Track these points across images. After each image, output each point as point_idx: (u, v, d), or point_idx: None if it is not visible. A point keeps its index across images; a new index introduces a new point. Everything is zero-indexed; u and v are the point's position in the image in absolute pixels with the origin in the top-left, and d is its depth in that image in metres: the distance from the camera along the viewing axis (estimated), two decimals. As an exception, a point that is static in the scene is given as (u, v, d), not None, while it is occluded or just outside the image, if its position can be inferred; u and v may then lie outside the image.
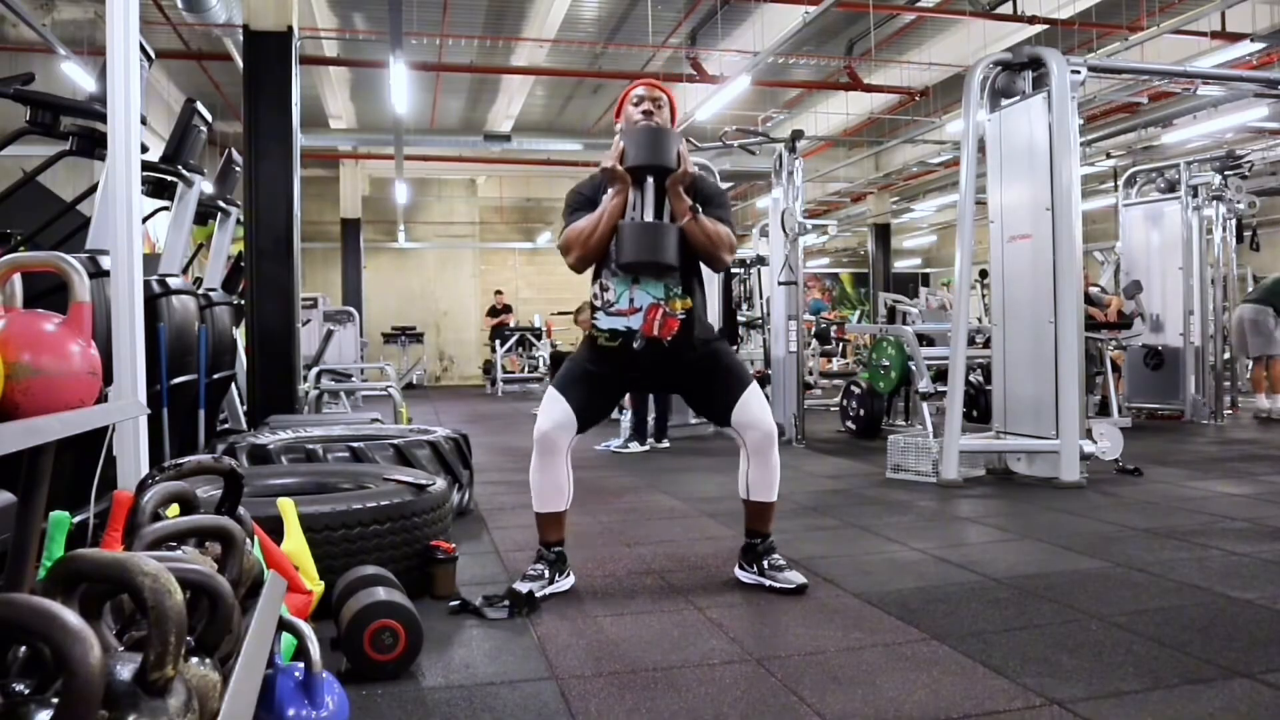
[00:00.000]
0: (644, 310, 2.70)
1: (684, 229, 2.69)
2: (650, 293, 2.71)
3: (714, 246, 2.72)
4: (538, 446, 2.72)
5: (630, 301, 2.72)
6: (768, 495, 2.79)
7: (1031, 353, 4.78)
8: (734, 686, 2.00)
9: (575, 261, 2.75)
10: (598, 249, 2.72)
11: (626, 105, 2.86)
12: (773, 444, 2.75)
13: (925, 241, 23.04)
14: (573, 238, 2.74)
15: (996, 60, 4.99)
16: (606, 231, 2.70)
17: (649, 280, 2.71)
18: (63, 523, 1.50)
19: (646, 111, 2.79)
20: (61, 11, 9.16)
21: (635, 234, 2.68)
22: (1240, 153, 7.95)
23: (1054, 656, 2.13)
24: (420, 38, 9.94)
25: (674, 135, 2.74)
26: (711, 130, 10.26)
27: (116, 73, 2.23)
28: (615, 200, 2.71)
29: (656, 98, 2.82)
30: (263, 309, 5.53)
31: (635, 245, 2.67)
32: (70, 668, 0.83)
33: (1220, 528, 3.53)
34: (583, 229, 2.72)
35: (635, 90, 2.85)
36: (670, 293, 2.72)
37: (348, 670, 2.02)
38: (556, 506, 2.76)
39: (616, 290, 2.73)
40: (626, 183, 2.71)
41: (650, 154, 2.68)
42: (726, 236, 2.74)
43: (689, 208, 2.69)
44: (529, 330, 14.30)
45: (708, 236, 2.70)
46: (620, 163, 2.69)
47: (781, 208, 6.76)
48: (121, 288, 2.22)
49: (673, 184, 2.70)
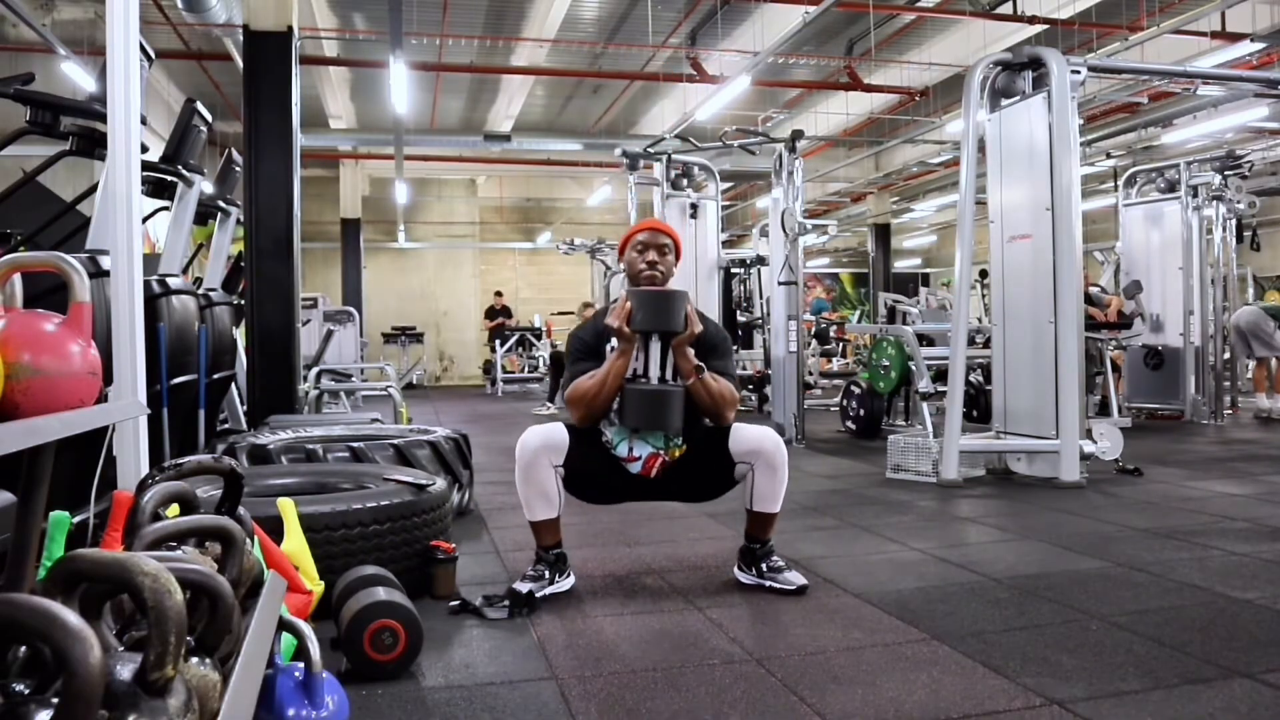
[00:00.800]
0: (643, 459, 2.74)
1: (689, 389, 2.69)
2: (650, 443, 2.74)
3: (718, 407, 2.72)
4: (519, 456, 2.68)
5: (629, 450, 2.75)
6: (772, 507, 2.78)
7: (1031, 353, 4.78)
8: (734, 686, 2.00)
9: (579, 420, 2.73)
10: (604, 409, 2.72)
11: (629, 251, 2.83)
12: (783, 454, 2.74)
13: (925, 241, 23.04)
14: (578, 396, 2.72)
15: (996, 60, 4.99)
16: (612, 392, 2.69)
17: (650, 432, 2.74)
18: (63, 523, 1.50)
19: (651, 262, 2.77)
20: (61, 11, 9.16)
21: (640, 403, 2.68)
22: (1240, 153, 7.95)
23: (1054, 656, 2.13)
24: (420, 38, 9.94)
25: (681, 297, 2.71)
26: (711, 130, 10.26)
27: (116, 73, 2.23)
28: (620, 361, 2.68)
29: (662, 245, 2.80)
30: (263, 309, 5.53)
31: (640, 414, 2.69)
32: (70, 668, 0.83)
33: (1220, 528, 3.53)
34: (588, 390, 2.70)
35: (638, 235, 2.83)
36: (670, 444, 2.75)
37: (348, 670, 2.02)
38: (548, 514, 2.73)
39: (614, 439, 2.75)
40: (632, 344, 2.69)
41: (658, 320, 2.67)
42: (730, 395, 2.74)
43: (694, 368, 2.68)
44: (529, 330, 14.30)
45: (712, 397, 2.70)
46: (627, 323, 2.66)
47: (781, 208, 6.75)
48: (121, 288, 2.22)
49: (679, 345, 2.69)
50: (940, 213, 18.85)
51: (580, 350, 2.82)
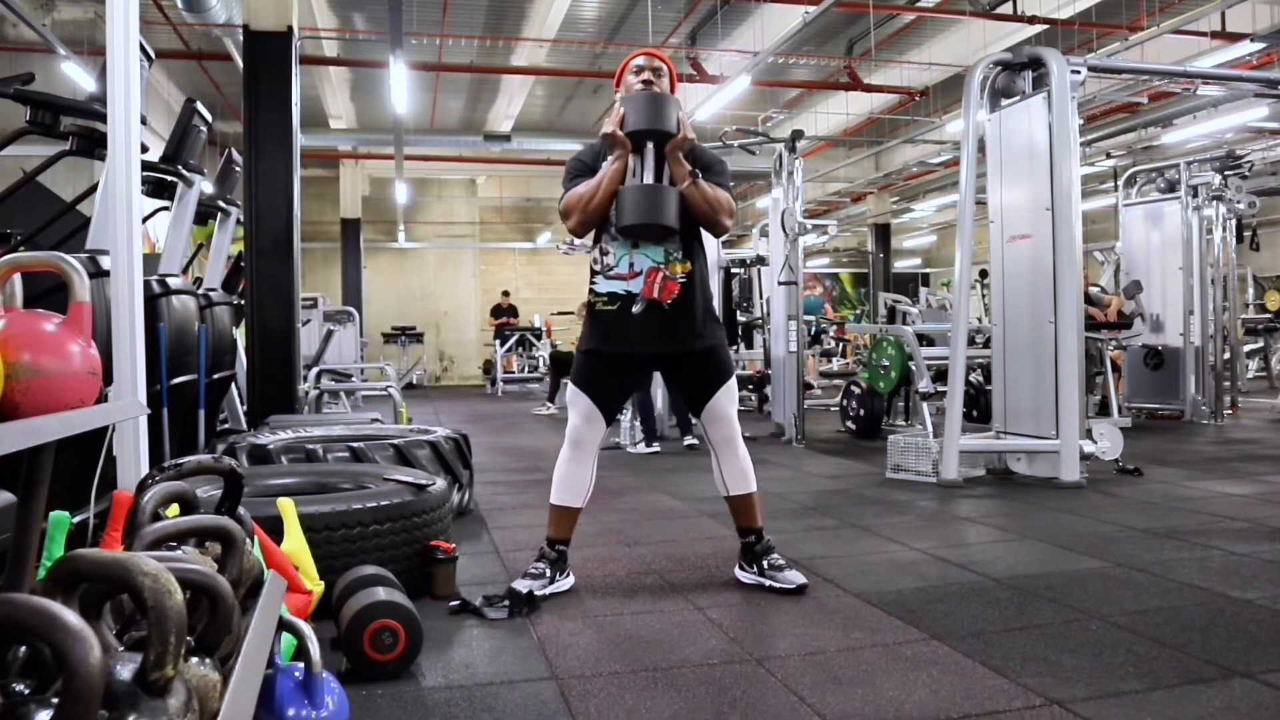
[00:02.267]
0: (644, 274, 2.73)
1: (684, 193, 2.70)
2: (650, 256, 2.74)
3: (714, 211, 2.74)
4: (569, 440, 2.78)
5: (630, 265, 2.74)
6: (746, 486, 2.82)
7: (1031, 353, 4.77)
8: (734, 686, 2.00)
9: (575, 225, 2.77)
10: (598, 213, 2.74)
11: (626, 74, 2.86)
12: (736, 435, 2.80)
13: (925, 241, 23.04)
14: (573, 202, 2.75)
15: (996, 60, 4.99)
16: (607, 195, 2.72)
17: (648, 245, 2.73)
18: (63, 523, 1.50)
19: (646, 80, 2.80)
20: (61, 11, 9.16)
21: (635, 196, 2.69)
22: (1240, 153, 7.96)
23: (1054, 656, 2.13)
24: (420, 38, 9.94)
25: (674, 101, 2.76)
26: (711, 130, 10.25)
27: (116, 73, 2.23)
28: (615, 165, 2.72)
29: (657, 67, 2.83)
30: (263, 309, 5.53)
31: (635, 208, 2.68)
32: (70, 668, 0.83)
33: (1220, 528, 3.53)
34: (583, 194, 2.74)
35: (635, 59, 2.87)
36: (670, 256, 2.74)
37: (348, 670, 2.02)
38: (574, 502, 2.79)
39: (616, 254, 2.75)
40: (626, 148, 2.72)
41: (650, 119, 2.69)
42: (726, 201, 2.77)
43: (689, 173, 2.71)
44: (529, 330, 14.29)
45: (707, 201, 2.72)
46: (620, 128, 2.70)
47: (781, 208, 6.76)
48: (121, 288, 2.22)
49: (672, 149, 2.72)
50: (940, 213, 18.85)
51: (577, 168, 2.84)
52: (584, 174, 2.81)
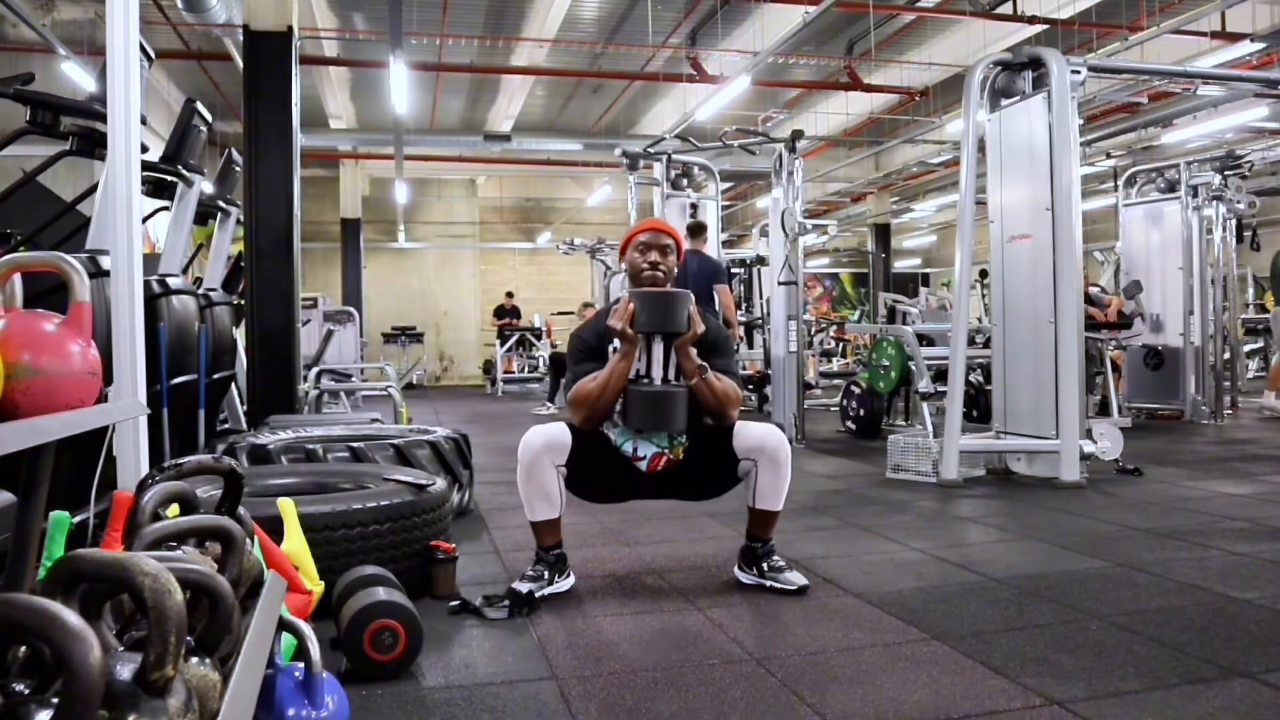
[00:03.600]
0: (648, 458, 2.75)
1: (692, 388, 2.69)
2: (655, 443, 2.75)
3: (721, 406, 2.71)
4: (521, 456, 2.69)
5: (634, 450, 2.75)
6: (775, 505, 2.78)
7: (1031, 353, 4.77)
8: (734, 686, 2.00)
9: (582, 421, 2.72)
10: (606, 411, 2.72)
11: (631, 251, 2.82)
12: (786, 451, 2.74)
13: (925, 241, 23.05)
14: (580, 398, 2.71)
15: (996, 60, 4.99)
16: (614, 394, 2.69)
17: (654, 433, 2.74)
18: (63, 523, 1.49)
19: (654, 263, 2.76)
20: (61, 11, 9.16)
21: (644, 404, 2.68)
22: (1240, 153, 7.95)
23: (1054, 656, 2.13)
24: (420, 38, 9.94)
25: (684, 298, 2.70)
26: (711, 130, 10.26)
27: (116, 73, 2.23)
28: (622, 364, 2.67)
29: (664, 245, 2.78)
30: (263, 309, 5.53)
31: (644, 416, 2.68)
32: (70, 668, 0.83)
33: (1220, 528, 3.53)
34: (591, 391, 2.69)
35: (639, 236, 2.81)
36: (674, 443, 2.75)
37: (348, 670, 2.02)
38: (549, 515, 2.73)
39: (619, 439, 2.75)
40: (634, 345, 2.68)
41: (661, 321, 2.66)
42: (734, 394, 2.74)
43: (697, 368, 2.68)
44: (529, 330, 14.29)
45: (716, 397, 2.70)
46: (630, 325, 2.65)
47: (781, 208, 6.75)
48: (121, 288, 2.22)
49: (682, 345, 2.68)
50: (940, 213, 18.86)
51: (582, 351, 2.81)
52: (589, 358, 2.77)
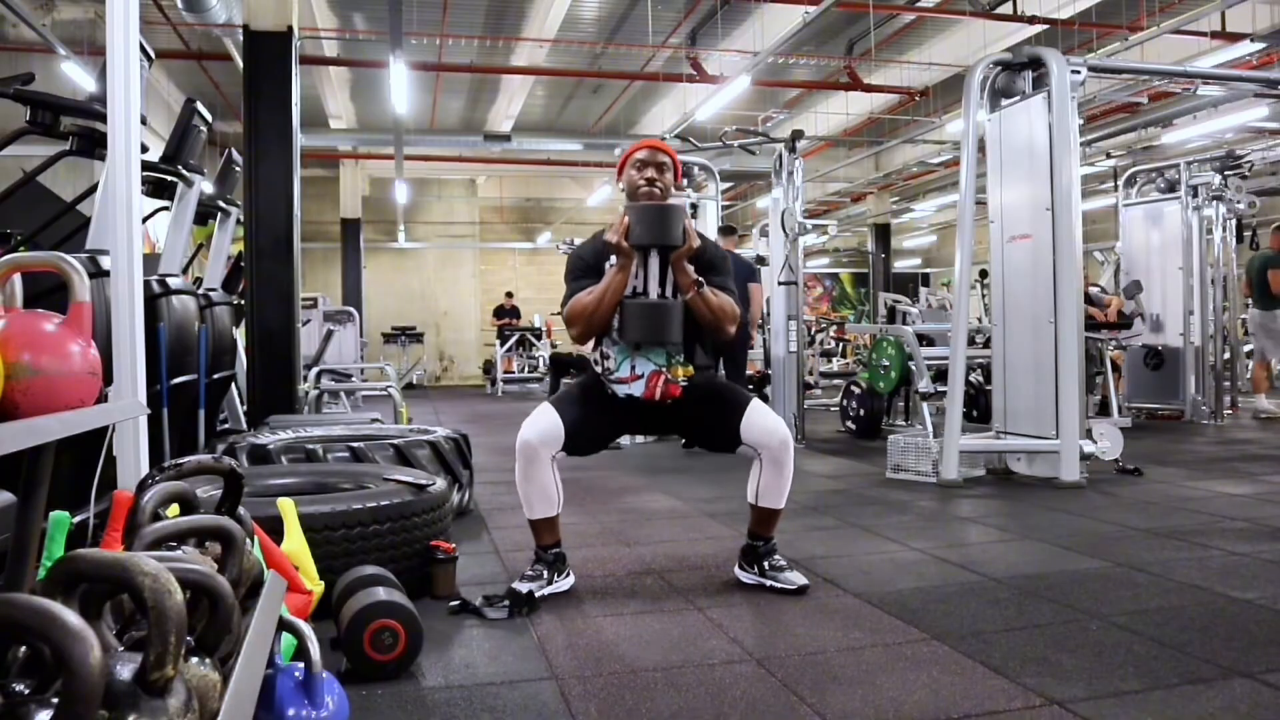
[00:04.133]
0: (645, 377, 2.72)
1: (688, 303, 2.69)
2: (652, 360, 2.73)
3: (718, 320, 2.71)
4: (519, 454, 2.69)
5: (631, 369, 2.73)
6: (776, 502, 2.78)
7: (1031, 352, 4.77)
8: (734, 686, 2.00)
9: (578, 336, 2.74)
10: (602, 324, 2.72)
11: (628, 169, 2.82)
12: (789, 451, 2.73)
13: (925, 241, 23.04)
14: (576, 312, 2.72)
15: (996, 60, 4.99)
16: (610, 308, 2.69)
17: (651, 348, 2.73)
18: (63, 523, 1.50)
19: (650, 179, 2.76)
20: (61, 11, 9.16)
21: (639, 314, 2.68)
22: (1240, 153, 7.94)
23: (1054, 656, 2.13)
24: (420, 38, 9.94)
25: (680, 211, 2.71)
26: (711, 130, 10.26)
27: (116, 73, 2.23)
28: (619, 276, 2.67)
29: (661, 162, 2.79)
30: (263, 309, 5.53)
31: (639, 326, 2.68)
32: (70, 668, 0.83)
33: (1220, 528, 3.53)
34: (587, 305, 2.69)
35: (637, 153, 2.82)
36: (672, 360, 2.73)
37: (348, 670, 2.02)
38: (547, 513, 2.74)
39: (617, 359, 2.74)
40: (631, 258, 2.68)
41: (657, 234, 2.66)
42: (731, 309, 2.74)
43: (693, 282, 2.68)
44: (529, 330, 14.29)
45: (711, 310, 2.70)
46: (625, 238, 2.66)
47: (781, 208, 6.75)
48: (121, 288, 2.22)
49: (678, 259, 2.68)
50: (940, 213, 18.86)
51: (579, 268, 2.81)
52: (586, 274, 2.77)
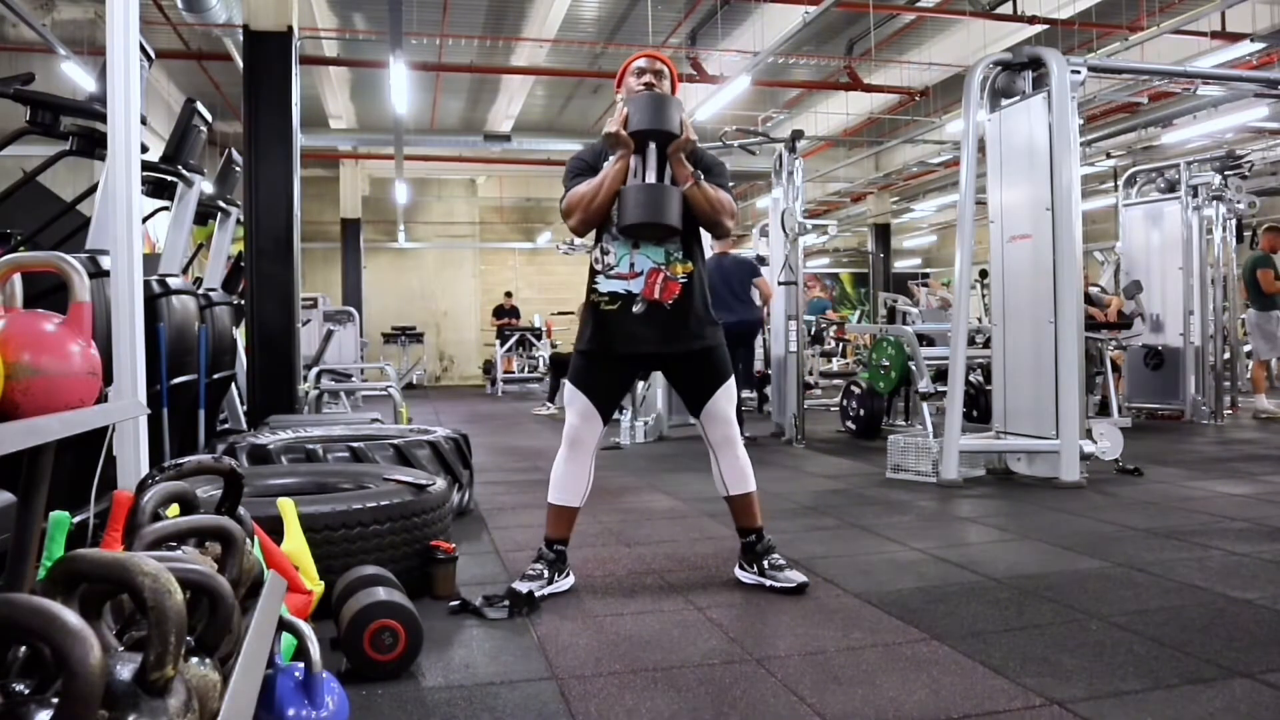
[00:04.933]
0: (645, 274, 2.74)
1: (686, 194, 2.72)
2: (650, 257, 2.75)
3: (715, 212, 2.75)
4: (567, 439, 2.78)
5: (631, 265, 2.75)
6: (745, 486, 2.82)
7: (1031, 353, 4.77)
8: (734, 686, 2.00)
9: (577, 224, 2.77)
10: (600, 212, 2.74)
11: (628, 76, 2.87)
12: (735, 435, 2.81)
13: (925, 241, 23.04)
14: (575, 201, 2.76)
15: (996, 60, 4.99)
16: (609, 195, 2.72)
17: (649, 245, 2.74)
18: (63, 523, 1.50)
19: (648, 83, 2.82)
20: (61, 11, 9.16)
21: (638, 196, 2.70)
22: (1240, 153, 7.95)
23: (1054, 656, 2.13)
24: (420, 38, 9.94)
25: (677, 103, 2.77)
26: (711, 130, 10.25)
27: (116, 73, 2.23)
28: (618, 165, 2.73)
29: (658, 69, 2.85)
30: (263, 309, 5.53)
31: (638, 207, 2.68)
32: (70, 668, 0.83)
33: (1220, 528, 3.53)
34: (585, 192, 2.74)
35: (636, 61, 2.88)
36: (671, 257, 2.75)
37: (348, 670, 2.02)
38: (571, 501, 2.79)
39: (617, 254, 2.76)
40: (629, 148, 2.73)
41: (654, 120, 2.70)
42: (728, 202, 2.78)
43: (691, 174, 2.72)
44: (529, 330, 14.29)
45: (709, 202, 2.73)
46: (623, 128, 2.71)
47: (781, 208, 6.76)
48: (121, 288, 2.22)
49: (675, 150, 2.73)
50: (940, 213, 18.84)
51: (578, 167, 2.85)
52: (585, 173, 2.81)
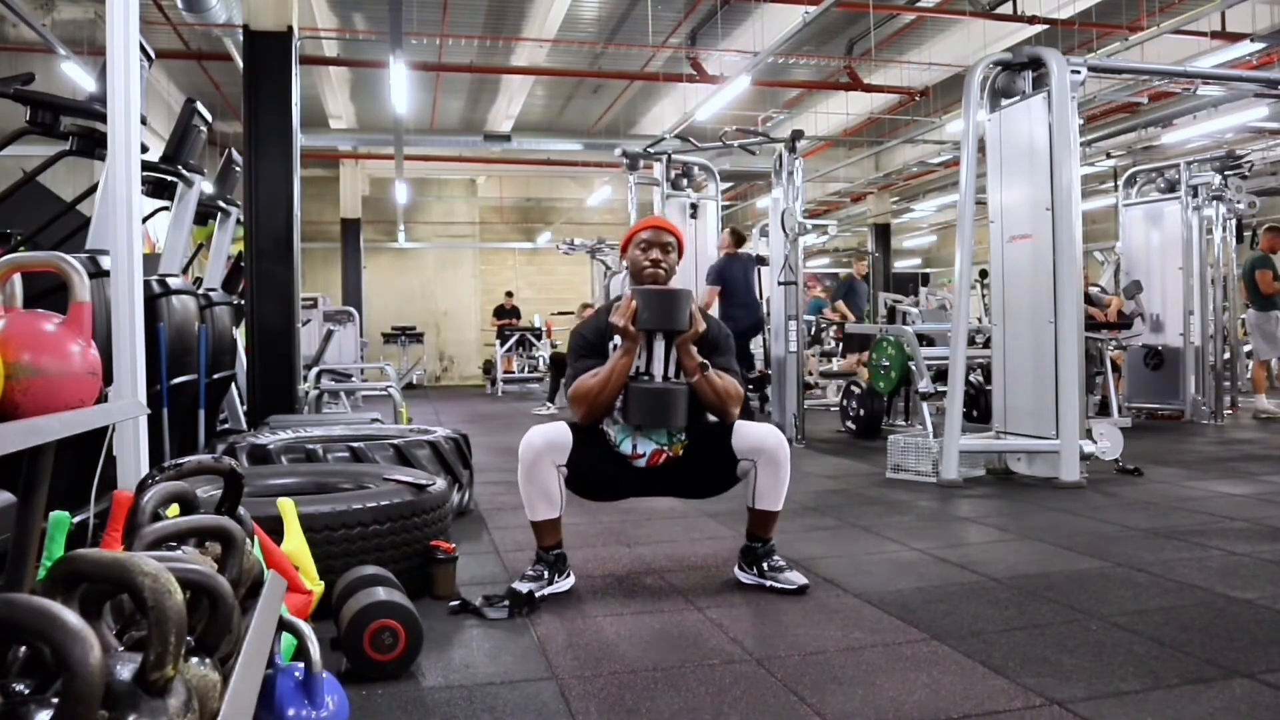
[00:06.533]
0: (647, 455, 2.76)
1: (693, 386, 2.70)
2: (654, 440, 2.76)
3: (723, 403, 2.73)
4: (523, 455, 2.69)
5: (633, 448, 2.76)
6: (774, 505, 2.78)
7: (1031, 353, 4.77)
8: (734, 686, 2.00)
9: (582, 418, 2.73)
10: (606, 407, 2.73)
11: (632, 248, 2.84)
12: (785, 451, 2.75)
13: (925, 241, 23.04)
14: (581, 394, 2.72)
15: (996, 60, 4.99)
16: (615, 390, 2.70)
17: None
18: (63, 523, 1.50)
19: (655, 260, 2.78)
20: (61, 11, 9.16)
21: (645, 401, 2.69)
22: (1240, 153, 7.95)
23: (1054, 656, 2.13)
24: (420, 38, 9.94)
25: (686, 296, 2.73)
26: (711, 130, 10.26)
27: (116, 73, 2.23)
28: (624, 360, 2.68)
29: (666, 243, 2.81)
30: (263, 309, 5.53)
31: (644, 412, 2.69)
32: (70, 668, 0.83)
33: (1220, 528, 3.53)
34: (591, 387, 2.70)
35: (641, 233, 2.84)
36: (674, 440, 2.76)
37: (348, 670, 2.02)
38: (549, 515, 2.74)
39: (618, 437, 2.76)
40: (636, 342, 2.69)
41: (663, 319, 2.68)
42: (735, 391, 2.75)
43: (699, 365, 2.69)
44: (529, 330, 14.29)
45: (716, 393, 2.71)
46: (633, 322, 2.67)
47: (781, 208, 6.75)
48: (121, 288, 2.22)
49: (683, 343, 2.70)
50: (940, 213, 18.85)
51: (583, 348, 2.82)
52: (589, 354, 2.78)
